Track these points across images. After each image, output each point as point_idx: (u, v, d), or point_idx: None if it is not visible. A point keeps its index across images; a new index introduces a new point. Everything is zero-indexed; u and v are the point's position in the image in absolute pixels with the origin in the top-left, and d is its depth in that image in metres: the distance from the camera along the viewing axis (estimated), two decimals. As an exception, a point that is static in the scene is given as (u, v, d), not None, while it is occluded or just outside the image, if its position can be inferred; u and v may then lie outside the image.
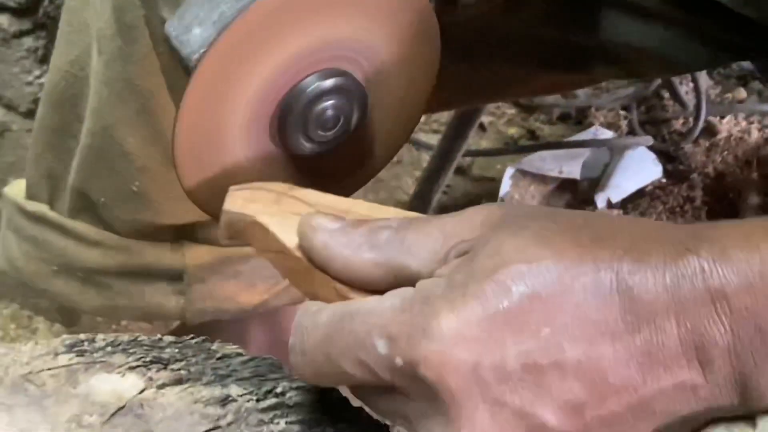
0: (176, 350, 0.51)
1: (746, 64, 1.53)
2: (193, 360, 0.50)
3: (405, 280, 0.42)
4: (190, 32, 0.55)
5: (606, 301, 0.38)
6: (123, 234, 0.83)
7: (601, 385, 0.38)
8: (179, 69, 0.74)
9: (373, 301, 0.42)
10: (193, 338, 0.53)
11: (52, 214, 0.85)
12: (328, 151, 0.57)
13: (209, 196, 0.55)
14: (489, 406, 0.38)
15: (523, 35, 0.76)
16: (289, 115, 0.56)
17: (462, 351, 0.38)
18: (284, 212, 0.50)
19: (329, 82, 0.56)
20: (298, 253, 0.47)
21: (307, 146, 0.57)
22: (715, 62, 0.85)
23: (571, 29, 0.74)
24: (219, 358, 0.51)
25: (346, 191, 0.61)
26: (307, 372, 0.43)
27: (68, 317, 1.13)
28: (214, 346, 0.53)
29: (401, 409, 0.41)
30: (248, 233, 0.51)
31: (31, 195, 0.87)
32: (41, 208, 0.86)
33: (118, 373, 0.48)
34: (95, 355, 0.49)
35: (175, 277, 0.85)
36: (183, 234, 0.84)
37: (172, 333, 0.93)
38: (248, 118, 0.55)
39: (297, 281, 0.49)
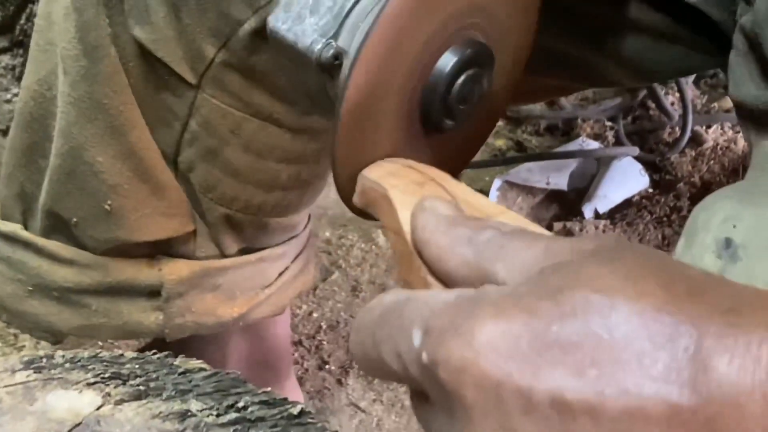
0: (137, 366, 0.51)
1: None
2: (154, 375, 0.50)
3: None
4: (303, 22, 0.53)
5: (675, 361, 0.31)
6: (97, 252, 0.83)
7: None
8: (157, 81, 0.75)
9: (433, 292, 0.38)
10: (155, 353, 0.53)
11: (24, 234, 0.85)
12: (462, 124, 0.57)
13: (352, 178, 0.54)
14: None
15: None
16: (432, 97, 0.55)
17: (489, 363, 0.33)
18: (422, 195, 0.46)
19: (464, 54, 0.55)
20: (409, 237, 0.44)
21: (448, 123, 0.56)
22: (687, 70, 0.85)
23: (550, 34, 0.74)
24: (181, 374, 0.51)
25: (466, 158, 0.62)
26: (356, 353, 0.39)
27: (54, 334, 1.13)
28: (177, 362, 0.52)
29: (429, 420, 0.36)
30: (378, 206, 0.49)
31: (4, 215, 0.87)
32: (14, 228, 0.85)
33: (76, 389, 0.47)
34: (53, 371, 0.49)
35: (153, 293, 0.85)
36: (159, 249, 0.84)
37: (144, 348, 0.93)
38: (396, 109, 0.54)
39: (402, 267, 0.46)
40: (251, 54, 0.71)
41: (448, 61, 0.55)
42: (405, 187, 0.49)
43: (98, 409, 0.47)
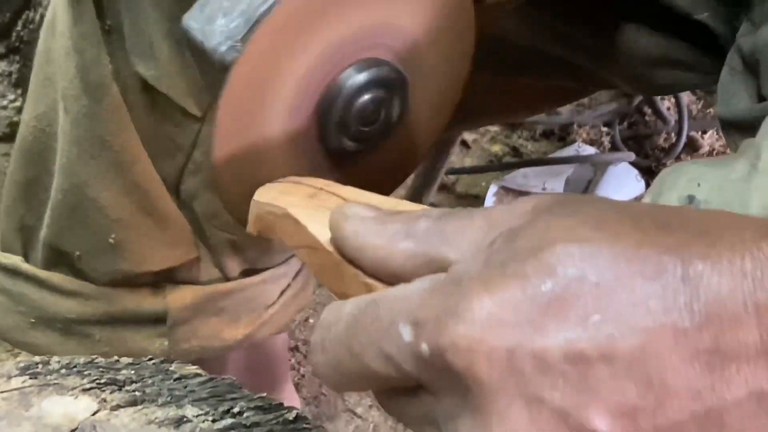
0: (132, 372, 0.51)
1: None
2: (150, 381, 0.50)
3: (442, 272, 0.38)
4: (213, 23, 0.52)
5: (668, 288, 0.32)
6: (101, 283, 0.83)
7: (658, 387, 0.32)
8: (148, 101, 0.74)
9: (400, 287, 0.37)
10: (150, 359, 0.53)
11: (26, 267, 0.85)
12: (371, 147, 0.55)
13: (244, 199, 0.51)
14: (525, 402, 0.32)
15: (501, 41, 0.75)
16: (328, 112, 0.53)
17: (496, 336, 0.33)
18: (319, 206, 0.46)
19: (369, 74, 0.53)
20: (330, 247, 0.43)
21: (349, 144, 0.54)
22: (682, 87, 0.85)
23: (546, 42, 0.74)
24: (176, 379, 0.51)
25: (387, 189, 0.59)
26: (327, 372, 0.38)
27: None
28: (172, 367, 0.52)
29: (428, 413, 0.36)
30: (278, 227, 0.47)
31: (4, 248, 0.87)
32: (15, 260, 0.85)
33: (71, 395, 0.48)
34: (49, 377, 0.49)
35: (157, 320, 0.85)
36: (163, 277, 0.84)
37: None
38: (286, 118, 0.52)
39: (328, 279, 0.45)
40: None
41: (348, 76, 0.52)
42: (301, 202, 0.48)
43: (94, 414, 0.47)
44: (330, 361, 0.38)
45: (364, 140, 0.54)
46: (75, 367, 0.50)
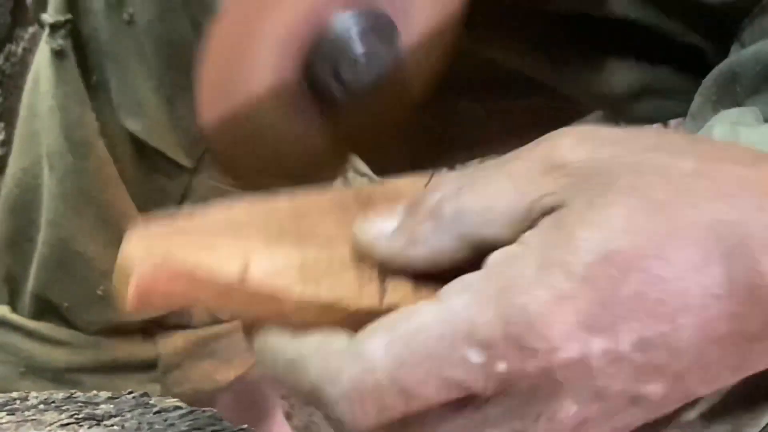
0: (111, 406, 0.51)
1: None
2: (129, 415, 0.50)
3: (486, 251, 0.36)
4: None
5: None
6: (91, 332, 0.83)
7: (709, 365, 0.34)
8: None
9: (433, 309, 0.35)
10: (130, 393, 0.53)
11: (13, 317, 0.84)
12: (360, 98, 0.55)
13: (230, 146, 0.51)
14: (595, 393, 0.34)
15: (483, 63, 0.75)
16: (318, 59, 0.54)
17: (570, 342, 0.34)
18: (193, 243, 0.41)
19: (361, 20, 0.54)
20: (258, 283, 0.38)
21: (337, 88, 0.55)
22: (668, 117, 0.85)
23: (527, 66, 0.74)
24: (156, 413, 0.51)
25: (377, 139, 0.60)
26: (367, 421, 0.35)
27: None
28: (152, 401, 0.52)
29: (478, 423, 0.36)
30: (181, 289, 0.41)
31: None
32: (2, 310, 0.85)
33: (49, 430, 0.47)
34: (26, 413, 0.48)
35: (149, 366, 0.85)
36: (154, 324, 0.84)
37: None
38: (275, 61, 0.53)
39: (255, 313, 0.38)
40: None
41: (343, 20, 0.54)
42: (169, 247, 0.41)
43: (71, 450, 0.47)
44: (372, 413, 0.35)
45: (353, 87, 0.54)
46: (53, 402, 0.50)
